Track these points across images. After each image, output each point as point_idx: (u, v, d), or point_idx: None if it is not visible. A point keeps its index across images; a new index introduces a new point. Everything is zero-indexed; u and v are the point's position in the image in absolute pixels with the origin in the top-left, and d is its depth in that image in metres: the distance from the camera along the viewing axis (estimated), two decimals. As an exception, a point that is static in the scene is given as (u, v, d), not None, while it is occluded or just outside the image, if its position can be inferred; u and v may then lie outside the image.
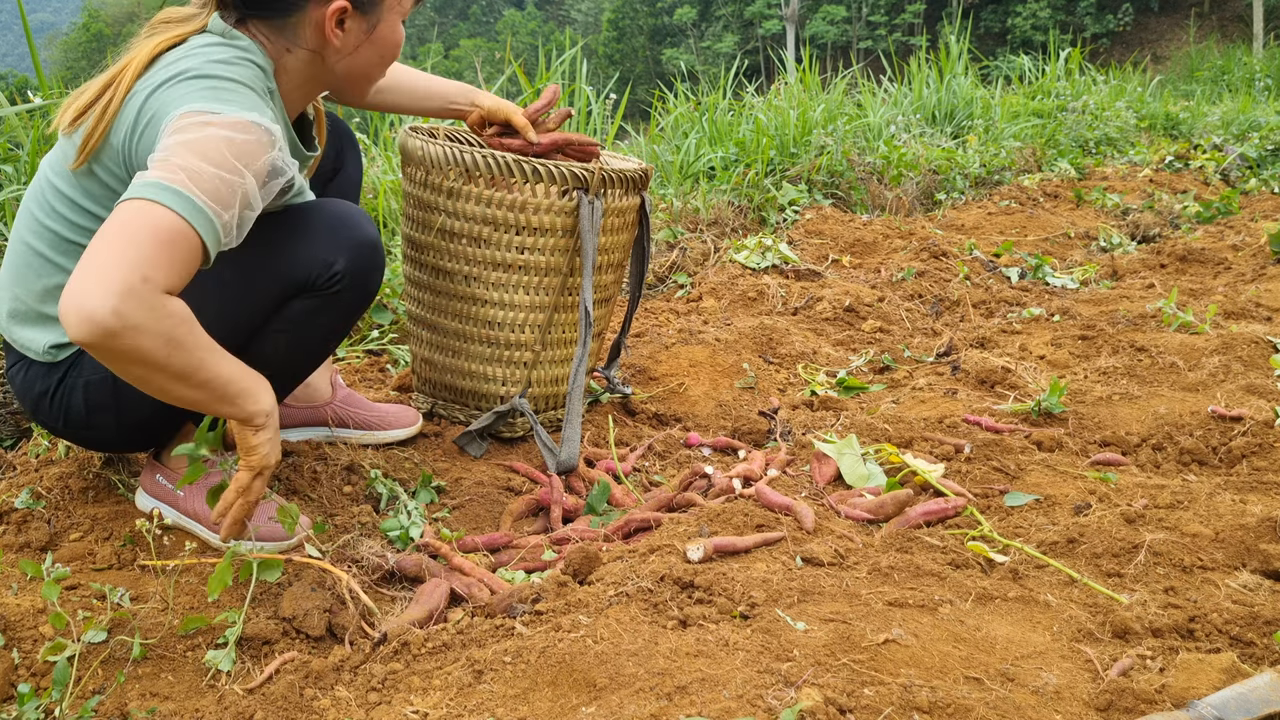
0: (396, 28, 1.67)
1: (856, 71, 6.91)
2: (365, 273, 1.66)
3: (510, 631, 1.39)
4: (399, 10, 1.65)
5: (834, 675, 1.20)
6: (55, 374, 1.64)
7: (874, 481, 1.89)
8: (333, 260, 1.61)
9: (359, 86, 1.74)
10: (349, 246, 1.63)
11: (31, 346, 1.64)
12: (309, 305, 1.63)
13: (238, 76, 1.48)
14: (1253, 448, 1.94)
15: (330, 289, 1.62)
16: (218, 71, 1.46)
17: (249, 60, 1.53)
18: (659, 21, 41.96)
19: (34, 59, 3.07)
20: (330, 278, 1.61)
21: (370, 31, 1.63)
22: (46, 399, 1.65)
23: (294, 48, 1.60)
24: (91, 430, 1.69)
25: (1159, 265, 3.83)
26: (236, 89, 1.45)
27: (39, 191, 1.61)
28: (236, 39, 1.55)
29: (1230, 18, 28.82)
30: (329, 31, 1.58)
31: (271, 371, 1.54)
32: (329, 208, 1.66)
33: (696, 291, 3.42)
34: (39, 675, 1.39)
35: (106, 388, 1.62)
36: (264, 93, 1.53)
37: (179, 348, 1.30)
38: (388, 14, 1.64)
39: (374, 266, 1.68)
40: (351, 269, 1.63)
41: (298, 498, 1.95)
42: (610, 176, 2.10)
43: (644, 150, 5.00)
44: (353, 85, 1.72)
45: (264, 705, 1.32)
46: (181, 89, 1.42)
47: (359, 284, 1.66)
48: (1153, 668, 1.26)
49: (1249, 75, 13.09)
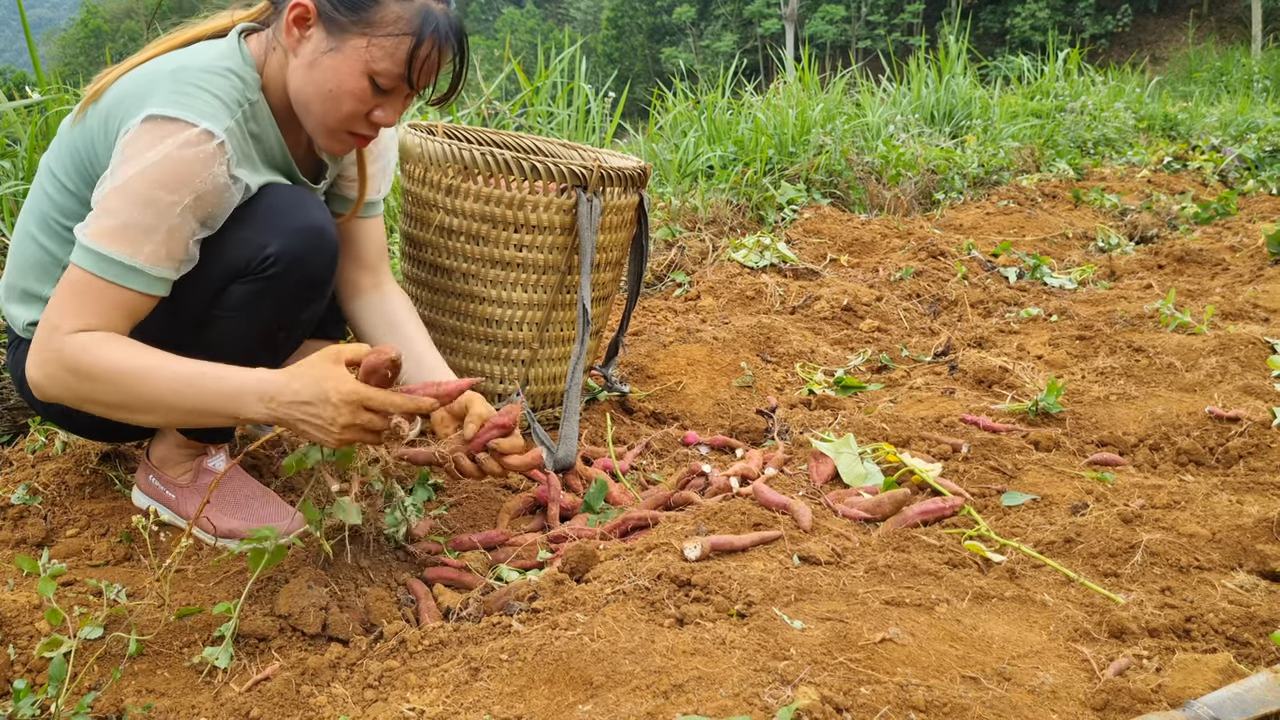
0: (355, 73, 1.55)
1: (855, 71, 6.92)
2: (303, 256, 1.61)
3: (507, 629, 1.39)
4: (363, 57, 1.54)
5: (831, 674, 1.20)
6: None
7: (871, 480, 1.89)
8: (265, 243, 1.57)
9: (310, 121, 1.61)
10: (285, 230, 1.59)
11: (16, 322, 1.66)
12: (248, 290, 1.59)
13: (213, 88, 1.50)
14: (1250, 448, 1.94)
15: (264, 272, 1.58)
16: (198, 80, 1.50)
17: (229, 70, 1.54)
18: (658, 20, 41.94)
19: (32, 55, 3.06)
20: (263, 260, 1.58)
21: (325, 53, 1.55)
22: None
23: (275, 45, 1.60)
24: (68, 416, 1.68)
25: (1157, 266, 3.83)
26: (205, 98, 1.48)
27: (37, 178, 1.65)
28: (230, 49, 1.57)
29: (1229, 19, 28.84)
30: (287, 23, 1.55)
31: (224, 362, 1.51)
32: (274, 194, 1.62)
33: (694, 290, 3.42)
34: (35, 671, 1.39)
35: None
36: (237, 104, 1.53)
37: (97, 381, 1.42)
38: (350, 51, 1.54)
39: (314, 250, 1.62)
40: (286, 252, 1.58)
41: (294, 494, 1.95)
42: (609, 174, 2.09)
43: (642, 149, 4.99)
44: (304, 114, 1.61)
45: (260, 702, 1.32)
46: (163, 86, 1.48)
47: (296, 267, 1.61)
48: (1149, 668, 1.26)
49: (1247, 77, 13.12)
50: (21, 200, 2.74)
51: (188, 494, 1.77)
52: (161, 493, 1.78)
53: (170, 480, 1.78)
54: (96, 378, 1.42)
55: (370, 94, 1.57)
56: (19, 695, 1.28)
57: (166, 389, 1.42)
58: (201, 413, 1.44)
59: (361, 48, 1.53)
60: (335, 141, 1.64)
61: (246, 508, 1.76)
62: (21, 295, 1.65)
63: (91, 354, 1.42)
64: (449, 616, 1.53)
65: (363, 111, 1.58)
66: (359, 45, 1.53)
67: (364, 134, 1.63)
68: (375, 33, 1.53)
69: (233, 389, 1.43)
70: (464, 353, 2.19)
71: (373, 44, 1.53)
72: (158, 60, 1.55)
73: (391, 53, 1.54)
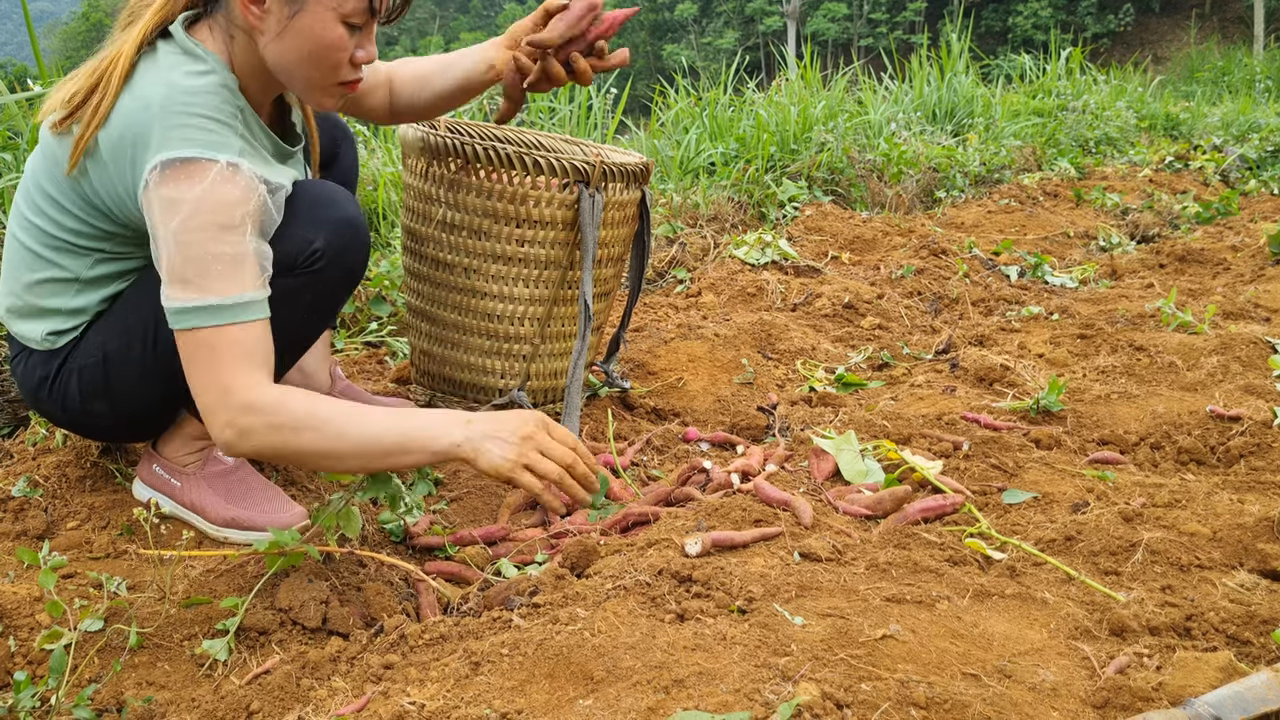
0: (329, 25, 1.51)
1: (857, 69, 6.91)
2: (345, 250, 1.65)
3: (508, 624, 1.39)
4: (329, 5, 1.50)
5: (831, 670, 1.20)
6: (55, 360, 1.66)
7: (872, 478, 1.89)
8: (313, 238, 1.61)
9: (298, 87, 1.60)
10: (328, 224, 1.63)
11: (31, 337, 1.66)
12: (292, 284, 1.61)
13: (207, 111, 1.48)
14: (1251, 447, 1.94)
15: (311, 267, 1.61)
16: (189, 107, 1.47)
17: (217, 84, 1.52)
18: (659, 17, 41.91)
19: (34, 48, 3.06)
20: (310, 255, 1.60)
21: (291, 18, 1.50)
22: (46, 386, 1.67)
23: (234, 31, 1.56)
24: (89, 418, 1.69)
25: (1158, 265, 3.83)
26: (207, 125, 1.47)
27: (25, 188, 1.64)
28: (197, 56, 1.53)
29: (1231, 19, 28.83)
30: (243, 6, 1.51)
31: None
32: (310, 188, 1.66)
33: (696, 287, 3.42)
34: (35, 663, 1.39)
35: (99, 374, 1.64)
36: (233, 117, 1.52)
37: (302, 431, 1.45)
38: (314, 5, 1.50)
39: (355, 244, 1.67)
40: (331, 246, 1.62)
41: (295, 488, 1.95)
42: (611, 170, 2.09)
43: (644, 145, 4.99)
44: (290, 83, 1.59)
45: (260, 695, 1.32)
46: (158, 125, 1.45)
47: (339, 261, 1.65)
48: (1150, 666, 1.26)
49: (1249, 76, 13.11)
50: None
51: (193, 481, 1.77)
52: (166, 481, 1.78)
53: (176, 467, 1.78)
54: (301, 427, 1.45)
55: (348, 38, 1.55)
56: (19, 687, 1.28)
57: (370, 432, 1.47)
58: (400, 450, 1.49)
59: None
60: (328, 97, 1.62)
61: (248, 499, 1.77)
62: (34, 312, 1.65)
63: (290, 405, 1.46)
64: (449, 611, 1.54)
65: (345, 58, 1.57)
66: None
67: (353, 79, 1.62)
68: None
69: (428, 420, 1.51)
70: (465, 348, 2.19)
71: None
72: (136, 89, 1.49)
73: None
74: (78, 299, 1.64)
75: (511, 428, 1.51)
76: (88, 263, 1.62)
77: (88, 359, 1.64)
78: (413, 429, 1.49)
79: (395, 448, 1.48)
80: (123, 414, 1.70)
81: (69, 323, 1.65)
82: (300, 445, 1.46)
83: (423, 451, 1.49)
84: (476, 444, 1.50)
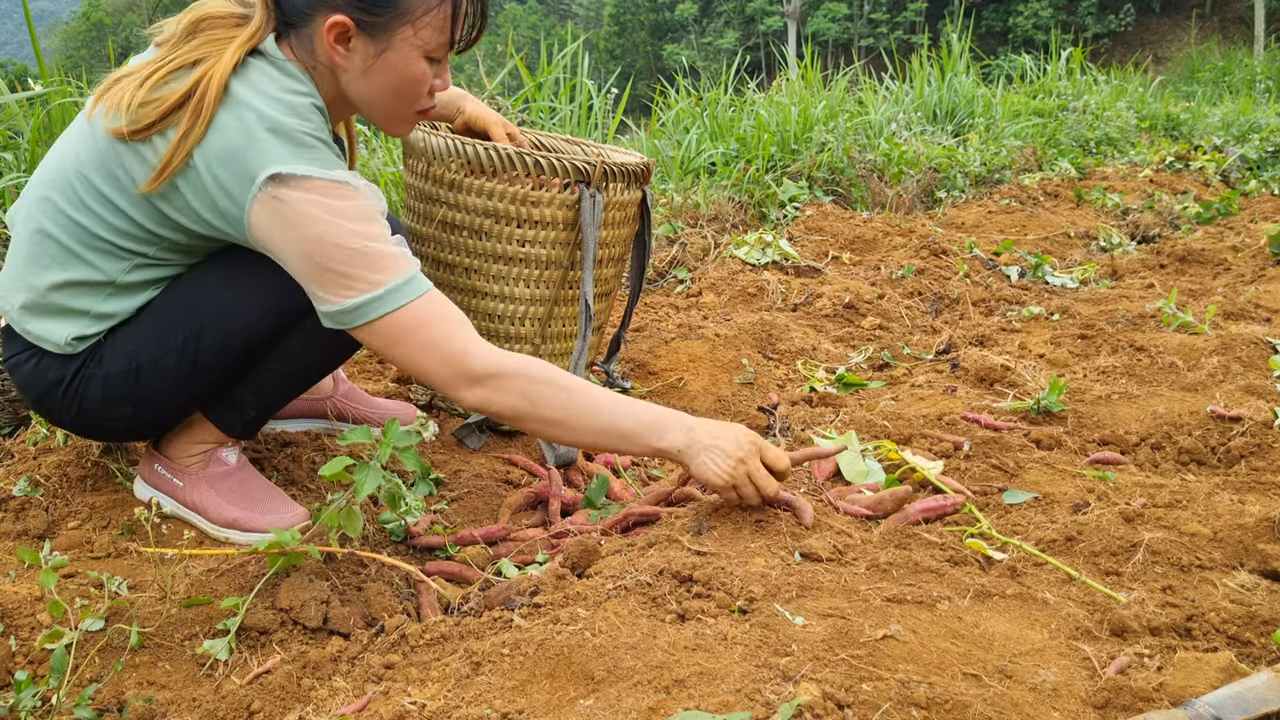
0: (412, 61, 1.57)
1: (858, 69, 6.92)
2: None
3: (508, 624, 1.39)
4: (415, 43, 1.56)
5: (832, 670, 1.20)
6: (73, 364, 1.61)
7: (873, 478, 1.89)
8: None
9: (378, 117, 1.66)
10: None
11: (49, 339, 1.60)
12: None
13: (310, 131, 1.50)
14: (1251, 448, 1.94)
15: None
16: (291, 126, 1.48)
17: (312, 105, 1.54)
18: (660, 17, 41.89)
19: (34, 47, 3.06)
20: None
21: (378, 57, 1.56)
22: (59, 388, 1.62)
23: (316, 63, 1.58)
24: (104, 421, 1.67)
25: (1158, 265, 3.83)
26: (310, 145, 1.49)
27: (63, 180, 1.56)
28: (294, 76, 1.54)
29: (1231, 19, 28.83)
30: (329, 46, 1.55)
31: (295, 368, 1.69)
32: None
33: (696, 287, 3.42)
34: (36, 663, 1.39)
35: (127, 382, 1.60)
36: (331, 140, 1.55)
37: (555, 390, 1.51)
38: (400, 43, 1.55)
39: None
40: None
41: (295, 488, 1.95)
42: (612, 170, 2.09)
43: (645, 145, 5.00)
44: (371, 113, 1.65)
45: (261, 695, 1.32)
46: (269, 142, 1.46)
47: None
48: (1150, 666, 1.26)
49: (1250, 77, 13.11)
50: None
51: (194, 481, 1.77)
52: (167, 480, 1.78)
53: (178, 467, 1.78)
54: (556, 385, 1.52)
55: (430, 72, 1.62)
56: (20, 687, 1.28)
57: (605, 409, 1.53)
58: (635, 436, 1.54)
59: (410, 36, 1.56)
60: (405, 124, 1.69)
61: (249, 499, 1.77)
62: (57, 312, 1.59)
63: (533, 366, 1.52)
64: (450, 611, 1.54)
65: (425, 90, 1.63)
66: (407, 35, 1.56)
67: (429, 106, 1.68)
68: (415, 16, 1.55)
69: (658, 415, 1.56)
70: (466, 348, 2.19)
71: (418, 27, 1.55)
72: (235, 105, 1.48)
73: (439, 27, 1.57)
74: (108, 304, 1.59)
75: (730, 447, 1.55)
76: (125, 267, 1.57)
77: (114, 366, 1.60)
78: (649, 420, 1.55)
79: (632, 433, 1.54)
80: (143, 420, 1.69)
81: (95, 327, 1.60)
82: (551, 404, 1.51)
83: (647, 445, 1.55)
84: (695, 453, 1.55)
